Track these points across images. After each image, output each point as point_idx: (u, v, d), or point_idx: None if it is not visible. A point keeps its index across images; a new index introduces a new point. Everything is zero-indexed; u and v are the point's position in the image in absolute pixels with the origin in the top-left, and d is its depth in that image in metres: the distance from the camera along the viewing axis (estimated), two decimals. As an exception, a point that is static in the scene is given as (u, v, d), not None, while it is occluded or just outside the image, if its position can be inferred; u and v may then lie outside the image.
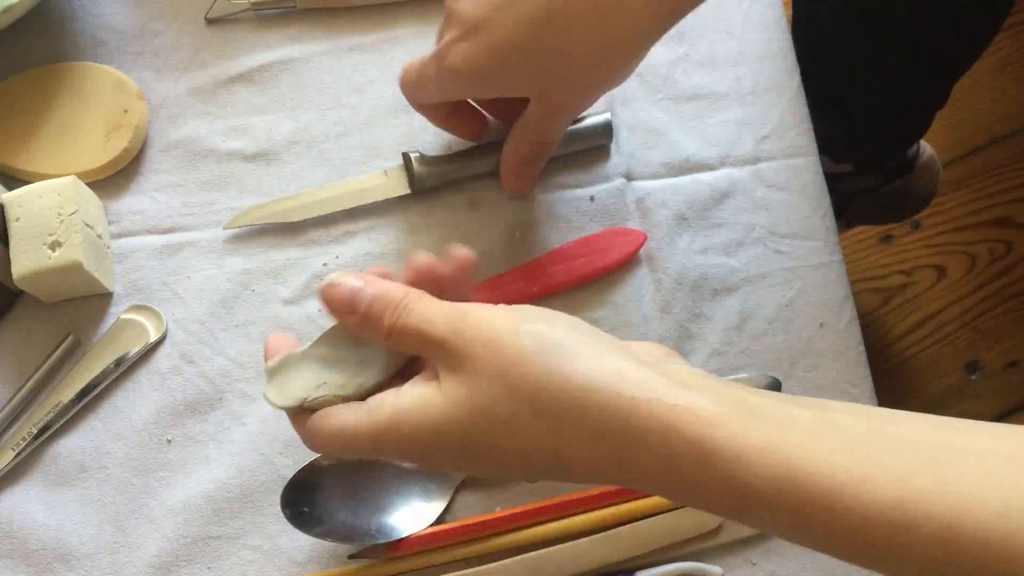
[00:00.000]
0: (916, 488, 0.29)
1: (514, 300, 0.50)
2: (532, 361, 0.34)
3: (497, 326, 0.35)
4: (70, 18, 0.58)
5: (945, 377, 1.14)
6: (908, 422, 0.33)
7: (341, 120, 0.57)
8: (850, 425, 0.32)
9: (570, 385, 0.33)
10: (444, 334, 0.36)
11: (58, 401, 0.50)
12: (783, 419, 0.32)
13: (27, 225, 0.49)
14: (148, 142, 0.56)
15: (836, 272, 0.54)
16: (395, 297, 0.37)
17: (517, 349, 0.34)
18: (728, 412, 0.32)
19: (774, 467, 0.31)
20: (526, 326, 0.35)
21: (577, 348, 0.34)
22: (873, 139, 0.90)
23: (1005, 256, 1.19)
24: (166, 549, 0.48)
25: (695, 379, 0.34)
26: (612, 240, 0.53)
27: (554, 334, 0.34)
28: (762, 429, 0.31)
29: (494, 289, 0.52)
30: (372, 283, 0.38)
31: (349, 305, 0.38)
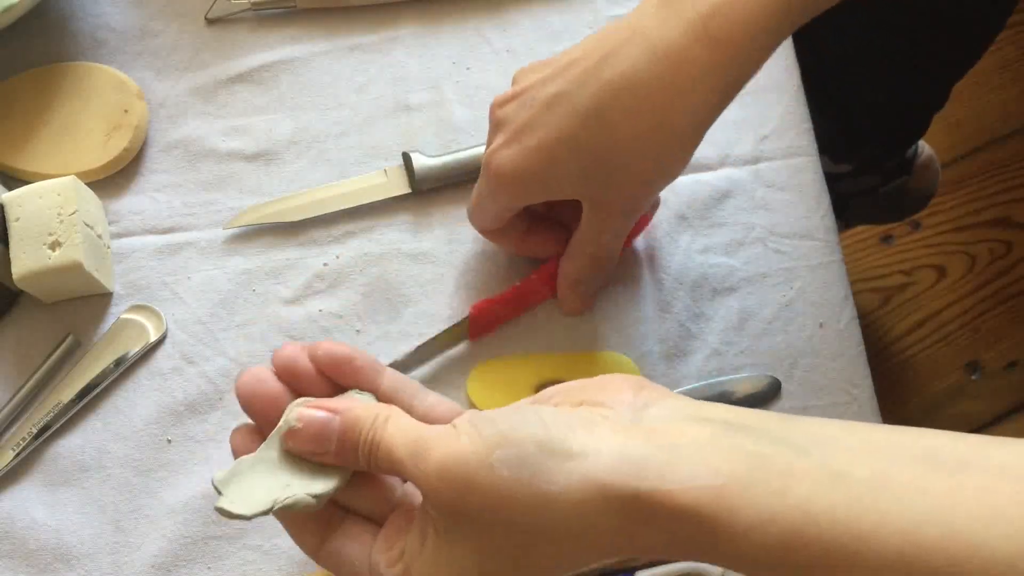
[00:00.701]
0: (920, 542, 0.29)
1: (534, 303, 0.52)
2: (514, 498, 0.33)
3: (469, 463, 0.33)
4: (70, 18, 0.58)
5: (945, 377, 1.14)
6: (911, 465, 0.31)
7: (341, 120, 0.57)
8: (853, 472, 0.31)
9: (562, 503, 0.33)
10: (418, 478, 0.35)
11: (58, 401, 0.50)
12: (783, 473, 0.31)
13: (27, 225, 0.49)
14: (148, 142, 0.56)
15: (836, 272, 0.54)
16: (364, 425, 0.37)
17: (493, 486, 0.33)
18: (727, 483, 0.31)
19: (779, 536, 0.30)
20: (498, 454, 0.33)
21: (555, 460, 0.33)
22: (872, 139, 0.90)
23: (1005, 256, 1.19)
24: (166, 549, 0.48)
25: (682, 431, 0.33)
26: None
27: (526, 452, 0.33)
28: (764, 497, 0.31)
29: (519, 300, 0.51)
30: (338, 412, 0.37)
31: (321, 444, 0.37)
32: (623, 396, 0.36)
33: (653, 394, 0.36)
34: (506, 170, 0.44)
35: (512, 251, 0.51)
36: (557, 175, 0.43)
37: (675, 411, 0.35)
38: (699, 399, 0.50)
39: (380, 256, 0.54)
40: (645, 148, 0.42)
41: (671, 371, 0.51)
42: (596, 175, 0.43)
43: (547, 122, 0.42)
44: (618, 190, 0.44)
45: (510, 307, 0.51)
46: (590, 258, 0.48)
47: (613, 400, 0.36)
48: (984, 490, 0.29)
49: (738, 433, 0.33)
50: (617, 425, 0.34)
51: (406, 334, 0.52)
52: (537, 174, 0.43)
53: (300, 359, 0.40)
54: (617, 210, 0.45)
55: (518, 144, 0.43)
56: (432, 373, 0.51)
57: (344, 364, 0.40)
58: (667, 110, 0.41)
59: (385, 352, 0.52)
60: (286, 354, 0.40)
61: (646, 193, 0.45)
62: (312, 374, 0.40)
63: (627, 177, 0.43)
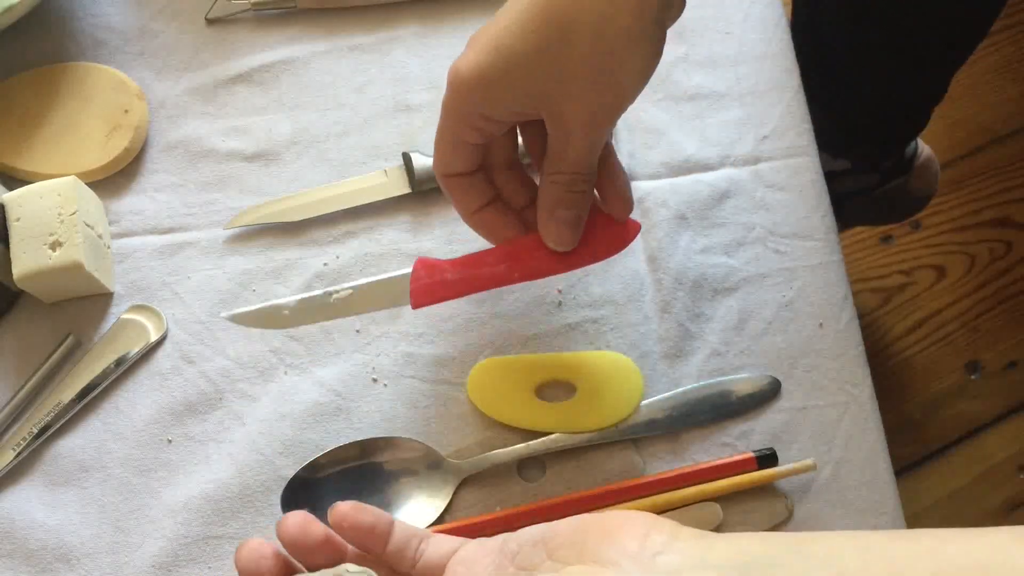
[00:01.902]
0: None
1: (492, 283, 0.47)
2: None
3: None
4: (70, 18, 0.59)
5: (945, 377, 1.14)
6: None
7: (341, 120, 0.57)
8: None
9: None
10: None
11: (58, 401, 0.50)
12: None
13: (27, 225, 0.49)
14: (148, 142, 0.56)
15: (836, 272, 0.54)
16: None
17: None
18: None
19: None
20: None
21: None
22: (871, 134, 0.90)
23: (1005, 256, 1.19)
24: (166, 549, 0.48)
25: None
26: (604, 228, 0.48)
27: None
28: None
29: (470, 268, 0.47)
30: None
31: None
32: (629, 546, 0.34)
33: (660, 538, 0.35)
34: (464, 74, 0.43)
35: (469, 216, 0.48)
36: (516, 81, 0.42)
37: (685, 558, 0.33)
38: (699, 399, 0.50)
39: (380, 256, 0.54)
40: (605, 56, 0.41)
41: (671, 371, 0.51)
42: (554, 85, 0.42)
43: (508, 31, 0.42)
44: (578, 101, 0.42)
45: (458, 274, 0.47)
46: (563, 178, 0.45)
47: (618, 553, 0.34)
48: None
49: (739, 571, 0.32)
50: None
51: (406, 334, 0.52)
52: (496, 79, 0.42)
53: (309, 531, 0.40)
54: (580, 123, 0.43)
55: (478, 48, 0.43)
56: (432, 373, 0.51)
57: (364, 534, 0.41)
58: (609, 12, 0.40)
59: (385, 352, 0.52)
60: (293, 526, 0.40)
61: (608, 104, 0.43)
62: (318, 543, 0.40)
63: (582, 88, 0.42)
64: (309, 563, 0.40)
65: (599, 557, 0.34)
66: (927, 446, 1.11)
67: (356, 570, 0.39)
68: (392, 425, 0.50)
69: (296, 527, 0.40)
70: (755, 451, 0.49)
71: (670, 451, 0.50)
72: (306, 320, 0.49)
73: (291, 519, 0.40)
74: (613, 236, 0.48)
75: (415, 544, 0.41)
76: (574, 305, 0.53)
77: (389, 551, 0.41)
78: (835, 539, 0.32)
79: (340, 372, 0.51)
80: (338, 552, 0.41)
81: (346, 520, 0.40)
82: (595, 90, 0.42)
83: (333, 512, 0.41)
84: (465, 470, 0.49)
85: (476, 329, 0.52)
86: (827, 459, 0.50)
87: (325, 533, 0.40)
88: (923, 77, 0.83)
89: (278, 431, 0.50)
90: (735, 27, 0.59)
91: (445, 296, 0.47)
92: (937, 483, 1.10)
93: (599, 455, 0.50)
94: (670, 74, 0.58)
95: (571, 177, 0.45)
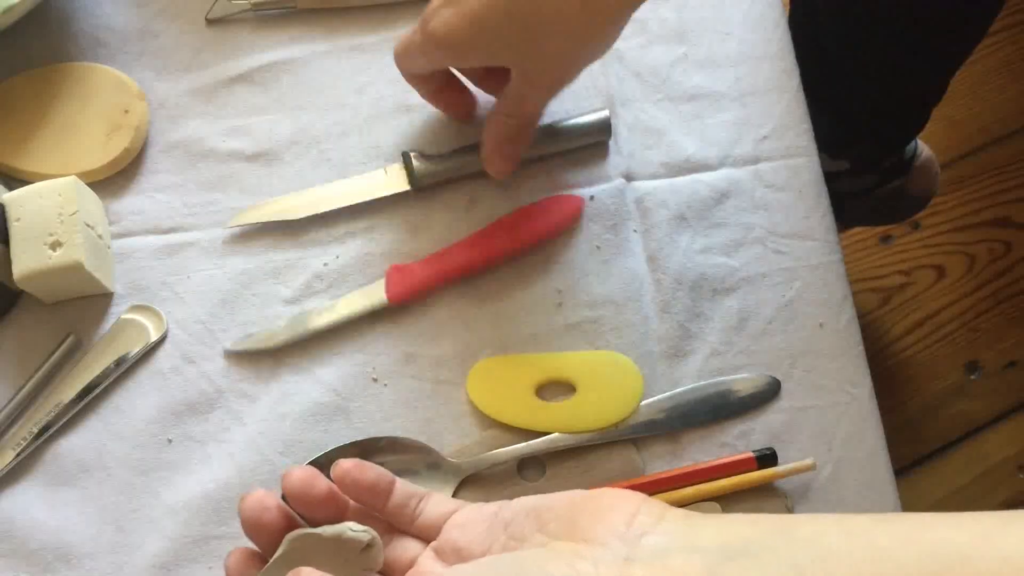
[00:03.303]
0: None
1: (458, 270, 0.52)
2: None
3: None
4: (70, 18, 0.59)
5: (945, 377, 1.14)
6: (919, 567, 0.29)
7: (341, 120, 0.57)
8: None
9: None
10: None
11: (59, 401, 0.50)
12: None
13: (28, 225, 0.49)
14: (148, 142, 0.56)
15: (835, 272, 0.54)
16: None
17: None
18: None
19: None
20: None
21: None
22: (870, 133, 0.90)
23: (1004, 256, 1.19)
24: (166, 549, 0.48)
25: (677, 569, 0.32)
26: (550, 207, 0.53)
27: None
28: None
29: (439, 263, 0.52)
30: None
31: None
32: (616, 526, 0.35)
33: (648, 519, 0.35)
34: (439, 34, 0.46)
35: (425, 98, 0.53)
36: (487, 43, 0.46)
37: (671, 539, 0.34)
38: (699, 399, 0.51)
39: (380, 256, 0.54)
40: (571, 21, 0.43)
41: (671, 371, 0.52)
42: (524, 47, 0.45)
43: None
44: (545, 62, 0.46)
45: (428, 268, 0.52)
46: (513, 119, 0.50)
47: (605, 533, 0.35)
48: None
49: (735, 561, 0.32)
50: (610, 572, 0.33)
51: (406, 334, 0.52)
52: (467, 41, 0.45)
53: (313, 485, 0.41)
54: (543, 82, 0.48)
55: (452, 9, 0.45)
56: (432, 372, 0.51)
57: (366, 491, 0.42)
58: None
59: (385, 352, 0.52)
60: (298, 480, 0.41)
61: (573, 66, 0.47)
62: (321, 498, 0.41)
63: (554, 50, 0.45)
64: (311, 517, 0.41)
65: (587, 535, 0.35)
66: (927, 446, 1.11)
67: (359, 528, 0.40)
68: (392, 425, 0.50)
69: (301, 481, 0.41)
70: (755, 451, 0.49)
71: (670, 451, 0.50)
72: (295, 336, 0.52)
73: (296, 473, 0.41)
74: (559, 211, 0.53)
75: (414, 503, 0.43)
76: (574, 305, 0.53)
77: (389, 508, 0.42)
78: (821, 522, 0.32)
79: (340, 372, 0.51)
80: (340, 508, 0.42)
81: (349, 476, 0.42)
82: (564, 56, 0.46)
83: (336, 468, 0.42)
84: (465, 470, 0.49)
85: (476, 329, 0.52)
86: (827, 459, 0.50)
87: (329, 488, 0.41)
88: (922, 77, 0.83)
89: (278, 431, 0.50)
90: (735, 27, 0.59)
91: (418, 287, 0.52)
92: (937, 483, 1.10)
93: (599, 455, 0.50)
94: (670, 74, 0.58)
95: (523, 121, 0.50)
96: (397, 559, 0.42)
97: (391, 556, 0.42)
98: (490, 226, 0.53)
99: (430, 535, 0.42)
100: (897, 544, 0.30)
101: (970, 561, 0.29)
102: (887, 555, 0.30)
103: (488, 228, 0.53)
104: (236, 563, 0.41)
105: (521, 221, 0.53)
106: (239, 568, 0.41)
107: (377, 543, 0.40)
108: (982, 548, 0.29)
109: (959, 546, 0.29)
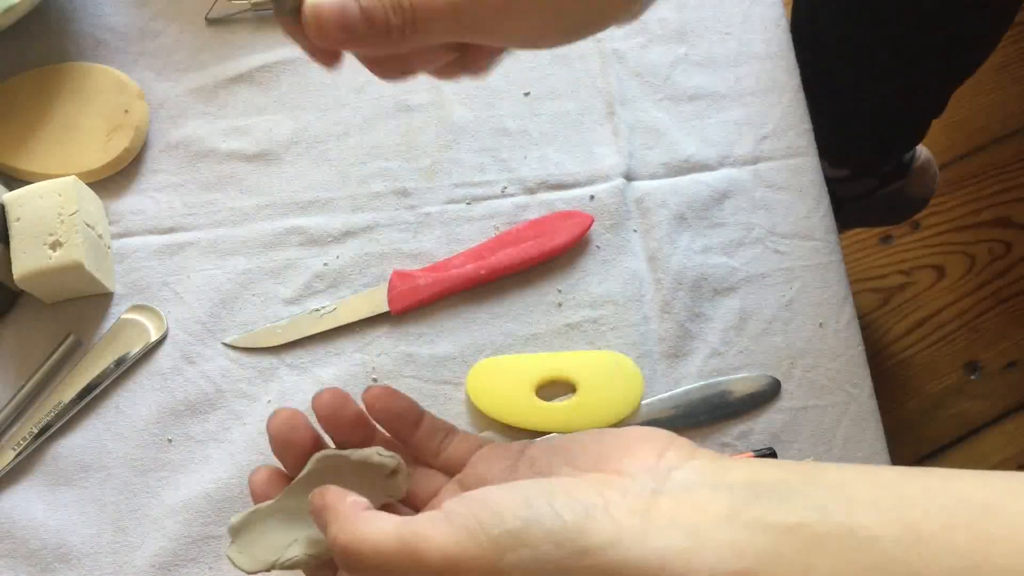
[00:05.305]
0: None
1: (461, 283, 0.52)
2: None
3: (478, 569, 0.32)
4: (70, 18, 0.59)
5: (944, 377, 1.14)
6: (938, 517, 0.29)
7: (341, 120, 0.57)
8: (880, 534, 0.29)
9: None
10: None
11: (59, 401, 0.50)
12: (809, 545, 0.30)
13: (28, 225, 0.49)
14: (148, 142, 0.56)
15: (835, 272, 0.54)
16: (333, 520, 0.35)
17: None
18: (752, 566, 0.30)
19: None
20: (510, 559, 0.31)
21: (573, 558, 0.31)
22: (871, 144, 0.90)
23: (1004, 256, 1.19)
24: (167, 549, 0.48)
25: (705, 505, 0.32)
26: (559, 223, 0.53)
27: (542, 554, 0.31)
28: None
29: (440, 272, 0.52)
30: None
31: None
32: (646, 460, 0.35)
33: (678, 455, 0.35)
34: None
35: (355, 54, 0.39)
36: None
37: (700, 475, 0.34)
38: (699, 399, 0.51)
39: (380, 256, 0.54)
40: None
41: (671, 371, 0.52)
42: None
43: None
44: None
45: (430, 278, 0.52)
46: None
47: (634, 466, 0.34)
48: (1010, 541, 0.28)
49: (761, 500, 0.32)
50: (637, 502, 0.32)
51: (406, 334, 0.52)
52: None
53: (344, 406, 0.41)
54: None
55: None
56: (432, 373, 0.51)
57: (396, 418, 0.42)
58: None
59: (385, 352, 0.52)
60: (329, 400, 0.41)
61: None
62: (350, 421, 0.41)
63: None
64: (339, 439, 0.41)
65: (616, 467, 0.34)
66: (927, 446, 1.11)
67: (386, 453, 0.40)
68: (392, 425, 0.50)
69: (331, 402, 0.41)
70: (755, 451, 0.49)
71: (670, 451, 0.50)
72: (296, 336, 0.52)
73: (327, 394, 0.41)
74: (569, 230, 0.53)
75: (441, 436, 0.42)
76: (574, 305, 0.53)
77: (416, 439, 0.42)
78: (847, 470, 0.33)
79: (340, 372, 0.51)
80: (368, 432, 0.42)
81: (380, 402, 0.42)
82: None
83: (367, 393, 0.42)
84: (465, 470, 0.49)
85: (476, 329, 0.52)
86: (827, 459, 0.50)
87: (358, 412, 0.41)
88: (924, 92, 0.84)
89: (278, 431, 0.50)
90: (735, 27, 0.59)
91: (420, 300, 0.52)
92: (937, 483, 1.10)
93: (599, 455, 0.50)
94: (670, 74, 0.58)
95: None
96: (421, 489, 0.42)
97: (415, 486, 0.41)
98: (496, 239, 0.53)
99: (455, 469, 0.42)
100: (921, 493, 0.30)
101: (993, 512, 0.29)
102: (912, 503, 0.30)
103: (493, 242, 0.53)
104: (261, 480, 0.41)
105: (529, 237, 0.53)
106: (263, 485, 0.41)
107: (403, 470, 0.40)
108: (1005, 501, 0.29)
109: (983, 498, 0.29)
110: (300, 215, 0.55)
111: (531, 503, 0.32)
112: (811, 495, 0.31)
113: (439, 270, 0.52)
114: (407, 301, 0.52)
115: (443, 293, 0.52)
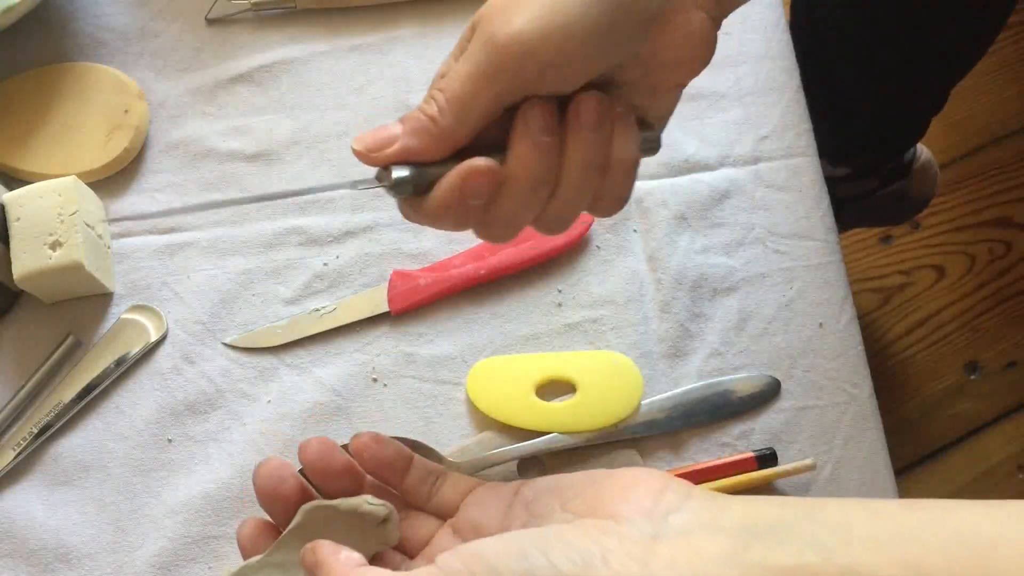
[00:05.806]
0: None
1: (461, 283, 0.52)
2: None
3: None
4: (70, 18, 0.59)
5: (944, 377, 1.14)
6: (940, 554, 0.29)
7: (341, 120, 0.57)
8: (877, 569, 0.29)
9: None
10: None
11: (59, 401, 0.50)
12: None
13: (28, 225, 0.49)
14: (148, 142, 0.56)
15: (835, 272, 0.54)
16: None
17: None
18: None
19: None
20: None
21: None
22: (871, 143, 0.90)
23: (1004, 256, 1.19)
24: (166, 549, 0.48)
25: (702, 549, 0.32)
26: None
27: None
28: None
29: (440, 272, 0.52)
30: None
31: None
32: (642, 503, 0.34)
33: (675, 497, 0.34)
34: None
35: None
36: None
37: (696, 517, 0.33)
38: (699, 399, 0.51)
39: (380, 256, 0.54)
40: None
41: (671, 371, 0.52)
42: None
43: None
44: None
45: (430, 278, 0.52)
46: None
47: (630, 510, 0.34)
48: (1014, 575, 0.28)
49: (760, 541, 0.31)
50: (635, 549, 0.32)
51: (406, 334, 0.52)
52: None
53: (331, 457, 0.40)
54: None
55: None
56: (432, 372, 0.51)
57: (384, 466, 0.41)
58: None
59: (385, 352, 0.52)
60: (316, 450, 0.40)
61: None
62: (338, 471, 0.41)
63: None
64: (327, 489, 0.41)
65: (612, 512, 0.34)
66: (927, 446, 1.11)
67: (376, 502, 0.40)
68: (392, 425, 0.50)
69: (319, 452, 0.40)
70: (755, 451, 0.49)
71: (670, 451, 0.50)
72: (296, 336, 0.52)
73: (314, 444, 0.40)
74: (567, 235, 0.53)
75: (432, 480, 0.42)
76: (574, 305, 0.53)
77: (406, 485, 0.42)
78: (847, 506, 0.32)
79: (340, 372, 0.51)
80: (357, 481, 0.41)
81: (368, 450, 0.41)
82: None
83: (355, 441, 0.42)
84: (465, 470, 0.49)
85: (476, 329, 0.52)
86: (827, 459, 0.50)
87: (346, 461, 0.41)
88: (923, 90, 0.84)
89: (278, 431, 0.50)
90: (735, 27, 0.59)
91: (420, 300, 0.52)
92: (937, 483, 1.10)
93: (599, 455, 0.50)
94: (670, 74, 0.58)
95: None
96: (413, 535, 0.41)
97: (407, 532, 0.41)
98: None
99: (447, 513, 0.42)
100: (923, 527, 0.30)
101: (996, 545, 0.28)
102: (913, 538, 0.29)
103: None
104: (249, 533, 0.41)
105: (528, 237, 0.52)
106: (252, 539, 0.40)
107: (394, 517, 0.40)
108: (1008, 533, 0.29)
109: (985, 531, 0.29)
110: (300, 215, 0.55)
111: (527, 555, 0.32)
112: (811, 534, 0.31)
113: (439, 270, 0.53)
114: (407, 301, 0.52)
115: (443, 293, 0.52)
